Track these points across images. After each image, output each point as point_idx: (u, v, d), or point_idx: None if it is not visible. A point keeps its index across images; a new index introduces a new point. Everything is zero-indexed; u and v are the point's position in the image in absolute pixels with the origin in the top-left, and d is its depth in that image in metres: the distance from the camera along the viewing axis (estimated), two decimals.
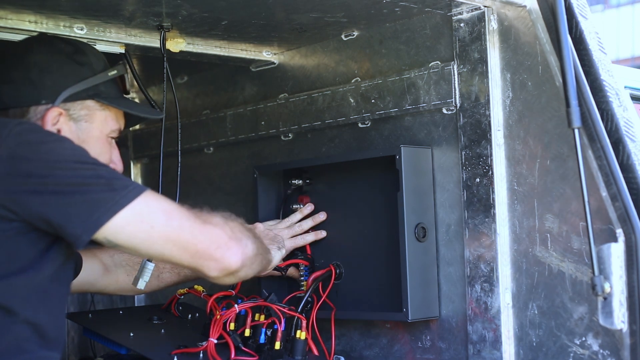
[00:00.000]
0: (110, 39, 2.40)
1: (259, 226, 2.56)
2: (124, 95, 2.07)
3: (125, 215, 1.67)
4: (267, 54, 2.76)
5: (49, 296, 1.77)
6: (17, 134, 1.70)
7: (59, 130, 1.90)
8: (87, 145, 1.90)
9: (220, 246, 1.78)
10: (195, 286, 2.50)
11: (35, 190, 1.66)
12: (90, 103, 1.95)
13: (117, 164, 2.03)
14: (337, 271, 2.48)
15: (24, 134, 1.71)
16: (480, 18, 2.21)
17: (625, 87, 2.30)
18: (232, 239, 1.80)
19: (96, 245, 2.33)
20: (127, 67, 2.07)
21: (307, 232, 2.55)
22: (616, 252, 1.85)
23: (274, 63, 2.79)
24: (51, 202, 1.66)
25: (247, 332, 2.32)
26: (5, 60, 1.96)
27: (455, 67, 2.27)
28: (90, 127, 1.95)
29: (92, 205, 1.66)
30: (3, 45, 2.10)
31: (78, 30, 2.32)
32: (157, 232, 1.73)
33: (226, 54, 2.67)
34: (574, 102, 1.89)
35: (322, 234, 2.54)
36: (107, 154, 2.00)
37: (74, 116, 1.93)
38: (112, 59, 2.15)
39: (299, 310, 2.34)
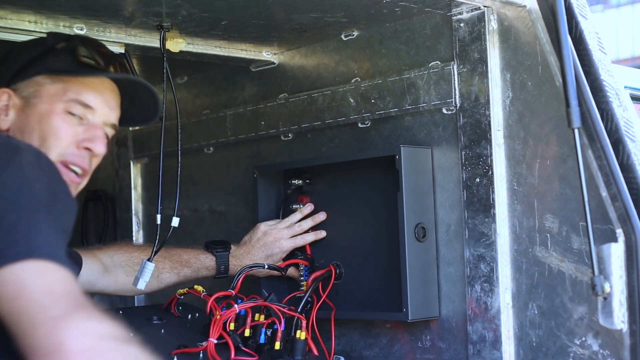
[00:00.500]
0: (110, 39, 2.40)
1: (260, 226, 2.57)
2: (88, 68, 1.94)
3: None
4: (267, 54, 2.76)
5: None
6: None
7: (6, 108, 1.87)
8: (39, 121, 1.86)
9: (53, 353, 1.32)
10: (195, 286, 2.49)
11: None
12: (39, 79, 1.91)
13: (95, 142, 1.90)
14: (337, 271, 2.48)
15: None
16: (480, 18, 2.21)
17: (625, 87, 2.30)
18: (82, 356, 1.32)
19: (96, 245, 2.32)
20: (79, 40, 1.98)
21: (307, 232, 2.55)
22: (616, 252, 1.85)
23: (274, 63, 2.79)
24: None
25: (247, 332, 2.32)
26: None
27: (455, 67, 2.27)
28: (38, 102, 1.89)
29: None
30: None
31: (78, 30, 2.32)
32: (4, 307, 1.39)
33: (226, 54, 2.67)
34: (574, 102, 1.89)
35: (322, 234, 2.54)
36: (66, 132, 1.88)
37: (23, 94, 1.89)
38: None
39: (299, 310, 2.33)
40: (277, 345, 2.28)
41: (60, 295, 1.39)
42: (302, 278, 2.54)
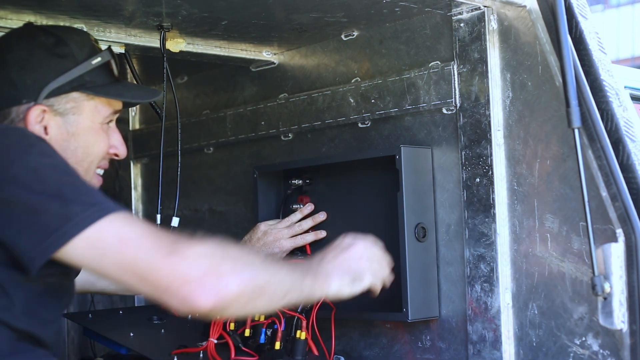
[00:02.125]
0: (110, 39, 2.40)
1: (261, 226, 2.57)
2: (117, 80, 1.97)
3: (76, 243, 1.55)
4: (267, 54, 2.76)
5: (42, 309, 1.71)
6: None
7: (45, 128, 1.83)
8: (79, 137, 1.86)
9: (185, 283, 1.53)
10: None
11: None
12: (75, 95, 1.87)
13: (119, 148, 1.96)
14: None
15: None
16: (480, 18, 2.21)
17: (625, 87, 2.30)
18: (207, 275, 1.54)
19: None
20: (111, 52, 1.96)
21: (307, 231, 2.55)
22: (616, 252, 1.85)
23: (274, 63, 2.79)
24: (2, 214, 1.57)
25: (247, 332, 2.32)
26: None
27: (455, 67, 2.27)
28: (79, 119, 1.87)
29: (44, 231, 1.55)
30: None
31: None
32: (110, 261, 1.57)
33: (226, 54, 2.67)
34: (574, 102, 1.89)
35: (322, 233, 2.54)
36: (103, 143, 1.92)
37: (59, 111, 1.85)
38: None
39: (299, 310, 2.34)
40: (277, 345, 2.28)
41: (156, 234, 1.58)
42: None
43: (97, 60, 1.91)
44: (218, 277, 1.55)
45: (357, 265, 1.87)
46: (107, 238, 1.56)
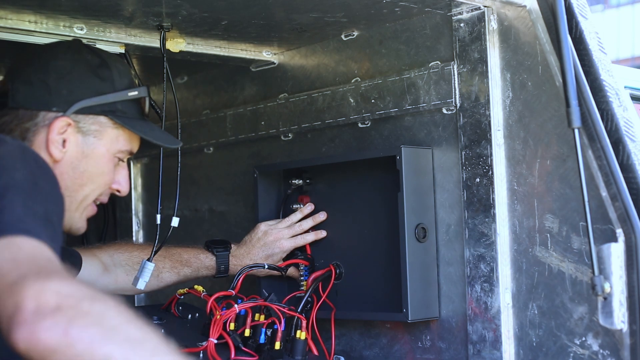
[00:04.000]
0: (110, 39, 2.40)
1: (261, 226, 2.57)
2: (144, 118, 2.02)
3: None
4: (267, 54, 2.76)
5: None
6: None
7: (64, 141, 1.85)
8: (91, 161, 1.88)
9: (11, 315, 1.26)
10: (195, 286, 2.49)
11: None
12: (102, 119, 1.90)
13: (122, 185, 1.99)
14: (337, 271, 2.48)
15: None
16: (480, 18, 2.21)
17: (625, 87, 2.30)
18: (34, 314, 1.24)
19: (95, 244, 2.32)
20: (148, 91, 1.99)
21: (307, 231, 2.55)
22: (616, 252, 1.85)
23: (274, 63, 2.79)
24: None
25: (247, 332, 2.32)
26: (33, 60, 1.91)
27: (455, 67, 2.27)
28: (97, 143, 1.90)
29: None
30: (37, 47, 2.09)
31: (78, 30, 2.32)
32: None
33: (226, 54, 2.67)
34: (574, 102, 1.89)
35: (322, 233, 2.54)
36: (109, 175, 1.95)
37: (83, 129, 1.88)
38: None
39: (299, 310, 2.34)
40: (277, 345, 2.28)
41: (23, 262, 1.33)
42: (302, 278, 2.54)
43: (134, 93, 1.95)
44: (45, 317, 1.24)
45: None
46: None
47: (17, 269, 1.31)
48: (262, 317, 2.35)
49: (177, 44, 2.51)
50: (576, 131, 1.89)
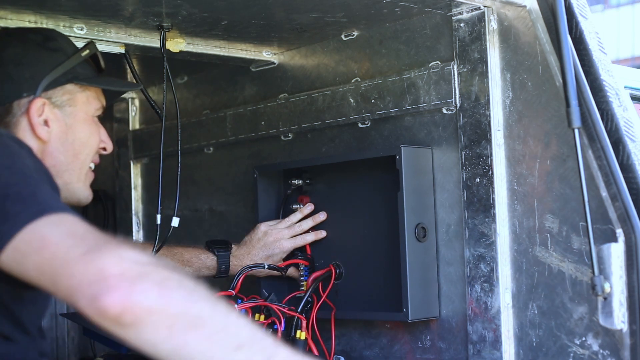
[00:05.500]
0: (110, 39, 2.40)
1: (261, 227, 2.57)
2: (101, 73, 2.06)
3: (7, 249, 1.41)
4: (267, 54, 2.76)
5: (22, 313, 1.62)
6: None
7: (46, 121, 1.88)
8: (76, 129, 1.92)
9: (97, 281, 1.31)
10: None
11: None
12: (70, 87, 1.94)
13: (107, 142, 2.03)
14: (337, 271, 2.48)
15: None
16: (480, 18, 2.21)
17: (625, 87, 2.30)
18: (123, 276, 1.31)
19: None
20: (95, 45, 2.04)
21: (307, 232, 2.55)
22: (616, 252, 1.85)
23: (274, 63, 2.79)
24: None
25: None
26: None
27: (455, 67, 2.27)
28: (74, 111, 1.94)
29: None
30: None
31: (78, 30, 2.33)
32: (30, 264, 1.40)
33: (226, 54, 2.67)
34: (574, 102, 1.89)
35: (322, 233, 2.54)
36: (97, 135, 1.99)
37: (57, 103, 1.91)
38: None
39: (299, 310, 2.34)
40: None
41: (85, 234, 1.39)
42: (302, 278, 2.54)
43: (85, 52, 1.99)
44: (135, 281, 1.31)
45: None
46: (31, 239, 1.40)
47: (81, 240, 1.36)
48: (262, 317, 2.35)
49: (177, 44, 2.51)
50: (576, 131, 1.89)
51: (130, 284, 1.30)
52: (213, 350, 1.34)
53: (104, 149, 2.04)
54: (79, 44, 2.04)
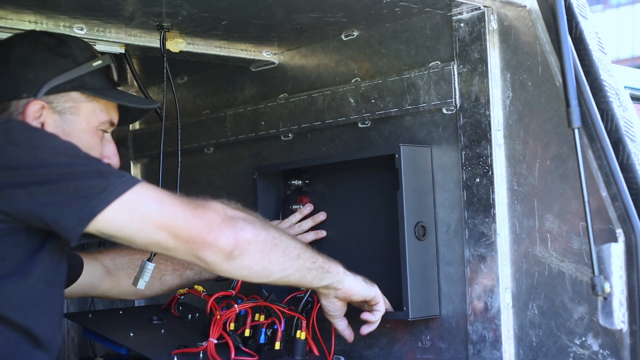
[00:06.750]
0: (110, 39, 2.40)
1: None
2: (115, 87, 2.01)
3: (118, 205, 1.64)
4: (267, 54, 2.76)
5: (41, 300, 1.73)
6: (4, 132, 1.67)
7: (42, 124, 1.85)
8: (74, 138, 1.86)
9: (212, 229, 1.74)
10: (196, 286, 2.50)
11: (23, 182, 1.61)
12: (75, 95, 1.90)
13: (112, 159, 1.98)
14: None
15: (11, 131, 1.68)
16: (480, 18, 2.21)
17: (625, 87, 2.30)
18: (226, 221, 1.76)
19: (97, 248, 2.32)
20: (113, 57, 2.02)
21: (307, 232, 2.55)
22: (616, 252, 1.85)
23: (274, 63, 2.79)
24: (40, 193, 1.61)
25: (247, 332, 2.32)
26: None
27: (455, 67, 2.27)
28: (76, 120, 1.90)
29: (85, 195, 1.62)
30: None
31: (78, 30, 2.33)
32: (150, 221, 1.70)
33: (226, 54, 2.67)
34: (574, 102, 1.89)
35: (322, 233, 2.54)
36: (97, 148, 1.94)
37: (57, 109, 1.88)
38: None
39: (299, 310, 2.33)
40: (277, 345, 2.28)
41: (181, 197, 1.79)
42: None
43: (97, 62, 1.96)
44: (235, 222, 1.78)
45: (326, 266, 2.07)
46: (146, 200, 1.70)
47: (182, 201, 1.77)
48: (262, 317, 2.35)
49: (177, 44, 2.51)
50: (576, 131, 1.89)
51: (232, 227, 1.76)
52: (286, 262, 1.89)
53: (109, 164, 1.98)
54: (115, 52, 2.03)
